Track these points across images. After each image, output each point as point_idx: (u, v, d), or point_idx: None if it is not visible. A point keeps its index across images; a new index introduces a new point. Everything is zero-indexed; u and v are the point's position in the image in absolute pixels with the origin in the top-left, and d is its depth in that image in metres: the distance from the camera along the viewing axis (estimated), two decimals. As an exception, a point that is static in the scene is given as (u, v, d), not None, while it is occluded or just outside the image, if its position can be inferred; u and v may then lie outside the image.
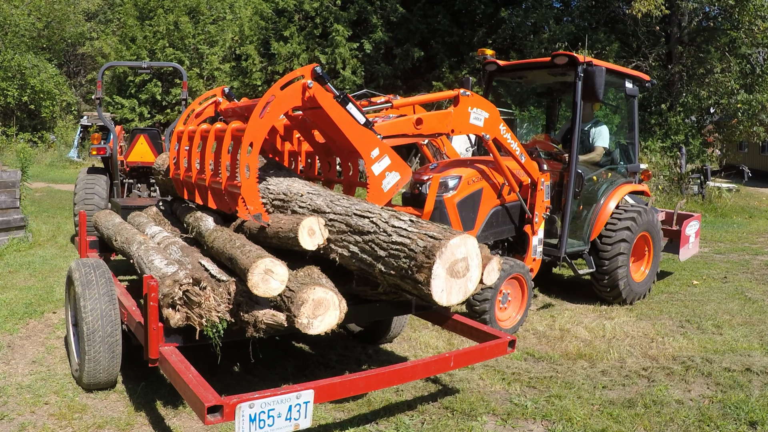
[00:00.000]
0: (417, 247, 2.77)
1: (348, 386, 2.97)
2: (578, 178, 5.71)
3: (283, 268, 2.86)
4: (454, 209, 5.07)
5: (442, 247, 2.71)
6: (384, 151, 3.88)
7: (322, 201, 3.43)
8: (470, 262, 2.84)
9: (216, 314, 2.96)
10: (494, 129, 4.78)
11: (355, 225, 3.09)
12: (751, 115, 17.63)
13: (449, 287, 2.78)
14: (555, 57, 5.70)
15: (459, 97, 4.52)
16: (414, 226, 2.88)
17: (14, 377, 3.89)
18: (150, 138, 8.25)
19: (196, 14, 28.12)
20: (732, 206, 14.33)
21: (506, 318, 5.12)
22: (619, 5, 20.40)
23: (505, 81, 6.98)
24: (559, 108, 7.59)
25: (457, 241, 2.76)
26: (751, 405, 3.74)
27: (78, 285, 3.59)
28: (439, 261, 2.70)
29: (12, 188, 7.88)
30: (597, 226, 5.93)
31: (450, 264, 2.75)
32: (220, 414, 2.52)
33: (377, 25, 21.22)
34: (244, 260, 2.94)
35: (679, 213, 7.34)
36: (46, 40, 28.45)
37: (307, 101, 3.63)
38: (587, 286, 6.68)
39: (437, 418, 3.50)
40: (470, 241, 2.83)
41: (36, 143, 24.22)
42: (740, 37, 17.68)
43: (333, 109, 3.70)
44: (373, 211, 3.12)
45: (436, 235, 2.77)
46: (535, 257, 5.50)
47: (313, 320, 2.80)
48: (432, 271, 2.70)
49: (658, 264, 6.50)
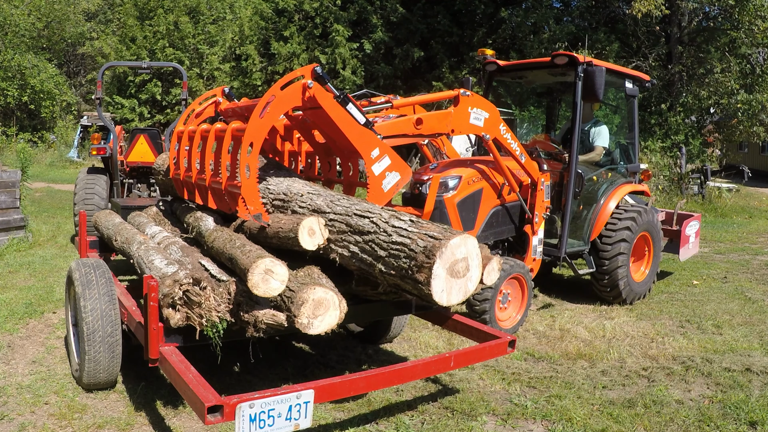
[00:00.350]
0: (417, 246, 2.77)
1: (348, 386, 2.97)
2: (578, 178, 5.71)
3: (283, 268, 2.86)
4: (454, 209, 5.07)
5: (442, 247, 2.71)
6: (384, 151, 3.88)
7: (322, 201, 3.43)
8: (470, 262, 2.84)
9: (216, 314, 2.96)
10: (494, 129, 4.78)
11: (355, 225, 3.09)
12: (751, 115, 17.63)
13: (449, 287, 2.78)
14: (555, 57, 5.70)
15: (459, 97, 4.52)
16: (414, 226, 2.88)
17: (14, 377, 3.89)
18: (150, 138, 8.25)
19: (196, 14, 28.12)
20: (732, 206, 14.33)
21: (506, 318, 5.12)
22: (619, 5, 20.40)
23: (505, 81, 6.98)
24: (559, 108, 7.59)
25: (458, 241, 2.76)
26: (751, 405, 3.74)
27: (78, 285, 3.59)
28: (439, 261, 2.70)
29: (12, 188, 7.88)
30: (597, 226, 5.93)
31: (450, 264, 2.75)
32: (221, 414, 2.52)
33: (377, 25, 21.21)
34: (244, 260, 2.94)
35: (679, 213, 7.34)
36: (46, 40, 28.44)
37: (308, 101, 3.63)
38: (587, 286, 6.68)
39: (437, 418, 3.50)
40: (470, 241, 2.83)
41: (36, 143, 24.22)
42: (740, 37, 17.68)
43: (333, 109, 3.70)
44: (373, 211, 3.12)
45: (436, 235, 2.77)
46: (535, 257, 5.50)
47: (313, 320, 2.80)
48: (432, 271, 2.70)
49: (658, 264, 6.50)
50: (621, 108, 7.80)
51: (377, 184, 3.86)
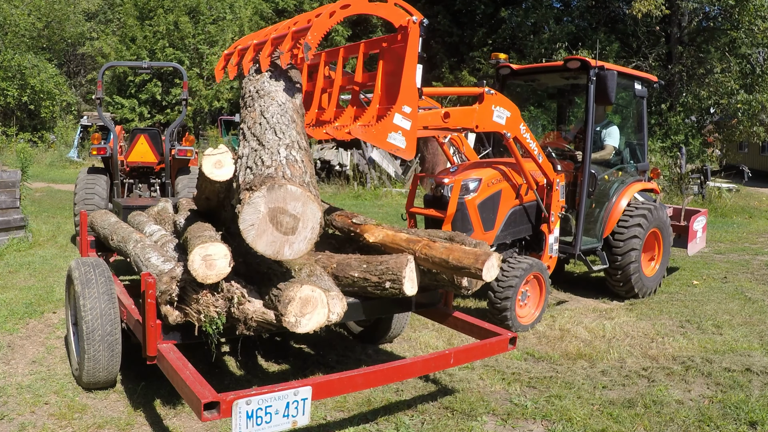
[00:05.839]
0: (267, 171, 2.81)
1: (346, 383, 2.96)
2: (592, 178, 5.89)
3: (217, 245, 2.80)
4: (475, 210, 5.26)
5: (275, 185, 2.66)
6: (411, 118, 3.85)
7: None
8: (300, 224, 2.73)
9: (214, 309, 2.95)
10: (515, 128, 4.99)
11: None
12: (751, 115, 17.63)
13: (263, 230, 2.67)
14: (567, 62, 5.90)
15: (484, 95, 4.70)
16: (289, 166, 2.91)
17: (14, 377, 3.89)
18: (150, 138, 8.24)
19: (196, 14, 28.09)
20: (732, 206, 14.32)
21: (525, 314, 5.29)
22: (619, 5, 20.41)
23: (518, 84, 7.13)
24: (570, 109, 7.75)
25: (297, 193, 2.70)
26: (751, 405, 3.73)
27: (77, 284, 3.59)
28: (265, 193, 2.64)
29: (12, 188, 7.87)
30: (610, 224, 6.12)
31: (274, 208, 2.66)
32: (217, 411, 2.50)
33: (377, 25, 21.21)
34: (188, 250, 2.91)
35: (686, 209, 7.57)
36: (46, 40, 28.43)
37: (399, 29, 3.82)
38: (587, 287, 6.70)
39: (437, 418, 3.50)
40: (312, 207, 2.73)
41: (36, 143, 24.19)
42: (740, 37, 17.68)
43: (411, 55, 3.80)
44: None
45: (272, 174, 2.76)
46: (552, 255, 5.68)
47: (300, 318, 2.78)
48: (252, 201, 2.64)
49: (668, 259, 6.68)
50: (625, 108, 7.87)
51: (386, 126, 3.78)
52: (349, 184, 15.94)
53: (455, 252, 3.33)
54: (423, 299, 3.88)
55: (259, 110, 3.36)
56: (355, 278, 3.51)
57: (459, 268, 3.29)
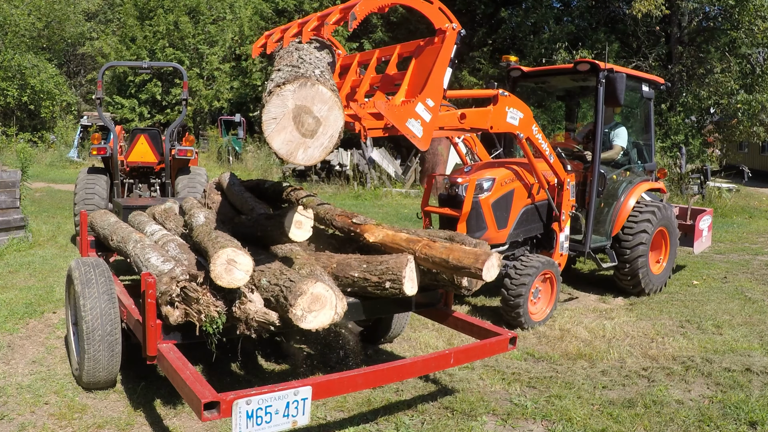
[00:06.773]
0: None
1: (346, 383, 2.96)
2: (601, 178, 6.00)
3: (246, 257, 2.83)
4: (489, 209, 5.41)
5: (306, 81, 2.63)
6: (434, 113, 3.92)
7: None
8: (322, 130, 2.67)
9: (215, 309, 2.95)
10: (528, 129, 5.09)
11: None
12: (751, 115, 17.60)
13: (283, 128, 2.62)
14: (577, 64, 6.02)
15: (498, 97, 4.80)
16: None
17: (14, 377, 3.89)
18: (150, 138, 8.24)
19: (196, 14, 28.10)
20: (732, 206, 14.32)
21: (537, 311, 5.39)
22: (619, 5, 20.39)
23: (528, 86, 7.20)
24: (578, 110, 7.87)
25: (326, 95, 2.65)
26: (751, 405, 3.73)
27: (78, 284, 3.59)
28: (296, 88, 2.61)
29: (12, 188, 7.87)
30: (618, 222, 6.25)
31: (300, 106, 2.62)
32: (217, 410, 2.50)
33: (377, 24, 21.21)
34: (210, 251, 2.94)
35: (692, 208, 7.68)
36: (46, 40, 28.43)
37: (438, 33, 4.01)
38: (587, 287, 6.71)
39: (437, 418, 3.50)
40: (336, 113, 2.68)
41: (36, 143, 24.18)
42: (740, 37, 17.67)
43: (443, 58, 3.94)
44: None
45: (306, 74, 2.74)
46: (563, 253, 5.80)
47: (307, 314, 2.79)
48: (282, 94, 2.61)
49: (674, 257, 6.81)
50: (632, 109, 7.94)
51: (407, 110, 3.83)
52: (349, 184, 15.95)
53: (455, 252, 3.33)
54: (423, 299, 3.88)
55: (297, 55, 3.38)
56: (355, 278, 3.51)
57: (459, 268, 3.29)
